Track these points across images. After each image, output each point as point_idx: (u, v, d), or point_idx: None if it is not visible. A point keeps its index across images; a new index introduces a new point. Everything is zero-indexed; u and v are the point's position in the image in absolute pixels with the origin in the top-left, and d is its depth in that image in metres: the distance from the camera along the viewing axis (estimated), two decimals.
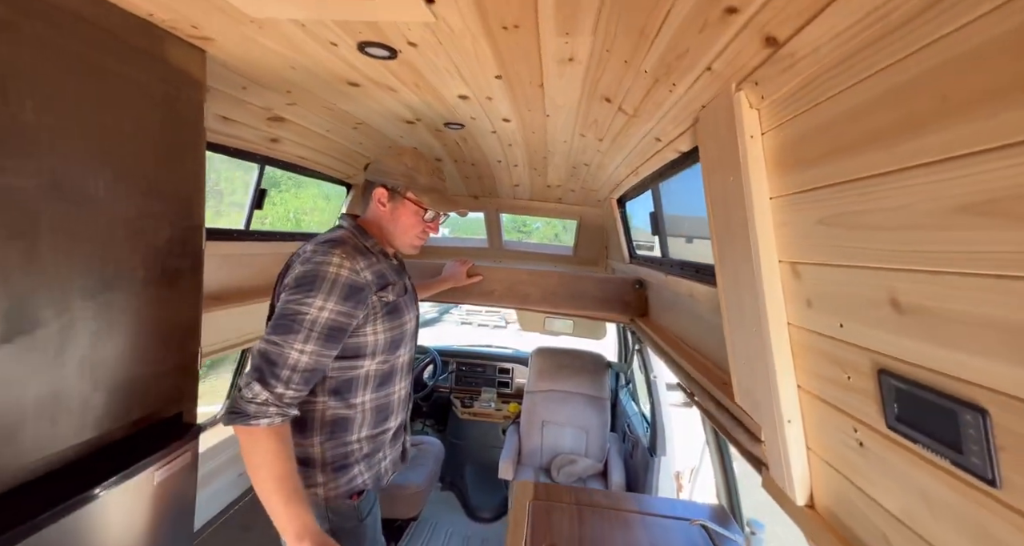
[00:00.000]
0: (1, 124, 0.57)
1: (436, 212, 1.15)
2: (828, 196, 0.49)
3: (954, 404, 0.37)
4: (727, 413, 0.91)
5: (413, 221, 1.13)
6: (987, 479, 0.35)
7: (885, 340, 0.44)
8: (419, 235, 1.16)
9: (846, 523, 0.58)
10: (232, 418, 0.85)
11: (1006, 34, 0.28)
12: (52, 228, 0.65)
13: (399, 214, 1.12)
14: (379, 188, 1.12)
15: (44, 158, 0.63)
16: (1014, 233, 0.28)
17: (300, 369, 0.88)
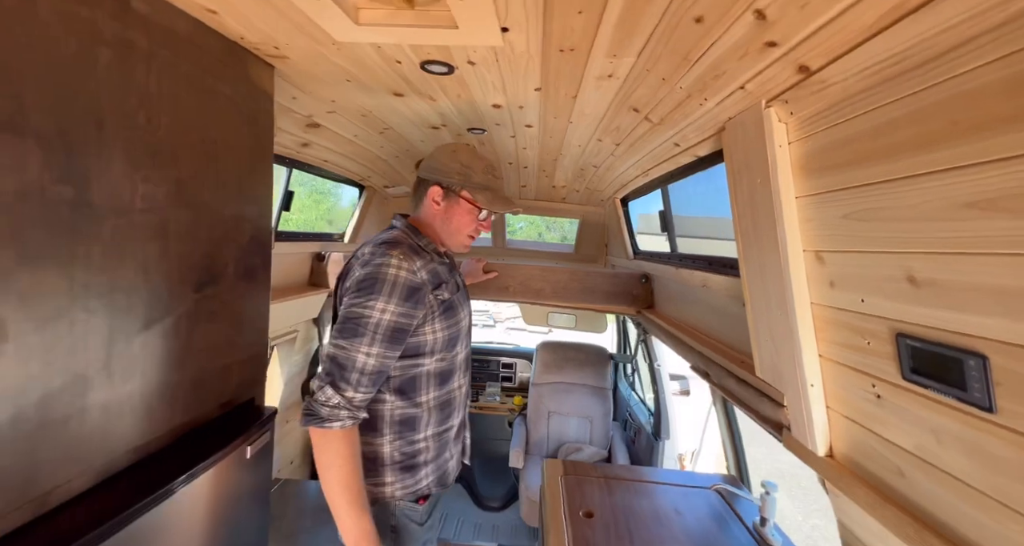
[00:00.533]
0: (147, 141, 0.64)
1: (489, 211, 1.13)
2: (852, 196, 0.61)
3: (960, 354, 0.49)
4: (748, 386, 1.03)
5: (467, 220, 1.12)
6: (985, 408, 0.47)
7: (902, 309, 0.56)
8: (471, 234, 1.15)
9: (862, 464, 0.70)
10: (308, 420, 0.88)
11: (1004, 78, 0.39)
12: (176, 230, 0.72)
13: (453, 213, 1.11)
14: (434, 186, 1.10)
15: (171, 168, 0.70)
16: (1011, 222, 0.40)
17: (367, 372, 0.91)
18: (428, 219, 1.14)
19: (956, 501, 0.53)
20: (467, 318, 1.18)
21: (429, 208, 1.13)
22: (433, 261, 1.07)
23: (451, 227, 1.12)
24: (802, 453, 0.83)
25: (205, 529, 0.80)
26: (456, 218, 1.11)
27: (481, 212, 1.12)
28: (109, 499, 0.63)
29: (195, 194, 0.76)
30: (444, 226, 1.12)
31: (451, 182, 1.10)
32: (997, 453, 0.47)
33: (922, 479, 0.58)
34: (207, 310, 0.82)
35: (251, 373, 0.98)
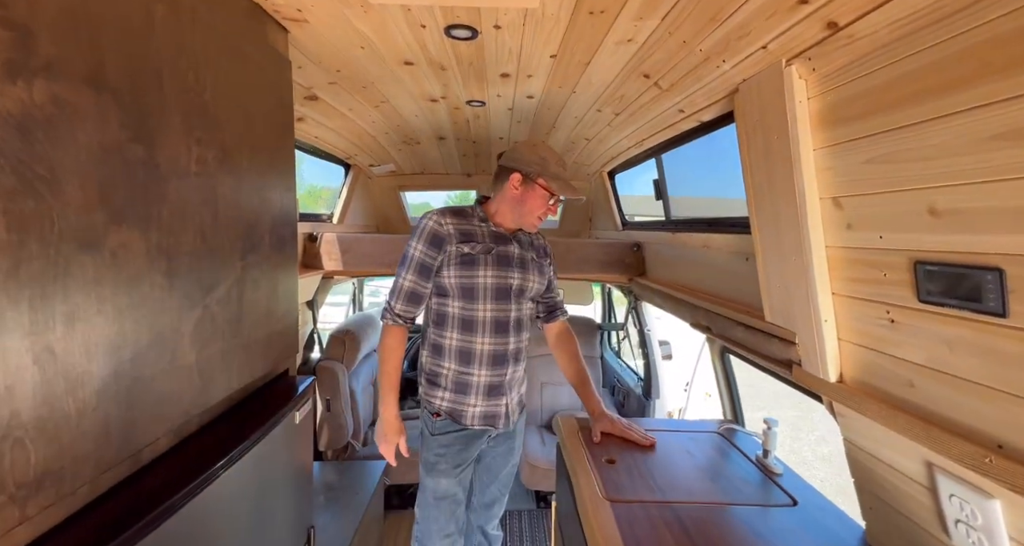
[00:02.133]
0: (196, 102, 0.62)
1: (557, 198, 1.33)
2: (874, 142, 0.69)
3: (977, 271, 0.57)
4: (756, 331, 1.14)
5: (539, 203, 1.32)
6: (999, 314, 0.56)
7: (921, 239, 0.65)
8: (541, 215, 1.35)
9: (872, 383, 0.81)
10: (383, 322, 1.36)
11: None
12: (224, 195, 0.71)
13: (528, 197, 1.32)
14: (515, 173, 1.32)
15: (216, 132, 0.68)
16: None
17: (404, 291, 1.30)
18: (505, 201, 1.36)
19: (964, 398, 0.64)
20: (490, 279, 1.33)
21: (508, 192, 1.35)
22: (473, 225, 1.36)
23: (524, 208, 1.34)
24: (812, 382, 0.94)
25: (265, 490, 0.81)
26: (530, 201, 1.32)
27: (551, 198, 1.32)
28: (188, 459, 0.63)
29: (236, 161, 0.74)
30: (519, 207, 1.34)
31: (530, 171, 1.31)
32: (1007, 350, 0.57)
33: (932, 386, 0.69)
34: (251, 278, 0.81)
35: (286, 344, 0.98)
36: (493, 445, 1.50)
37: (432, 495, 1.38)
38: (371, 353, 2.95)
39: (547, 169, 1.30)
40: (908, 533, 0.81)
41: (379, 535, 2.13)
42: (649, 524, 0.98)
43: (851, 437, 0.91)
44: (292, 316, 0.99)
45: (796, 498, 1.08)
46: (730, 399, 1.64)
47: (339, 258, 2.06)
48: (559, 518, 1.45)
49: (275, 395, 0.89)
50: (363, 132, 1.95)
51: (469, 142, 2.24)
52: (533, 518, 2.58)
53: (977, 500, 0.65)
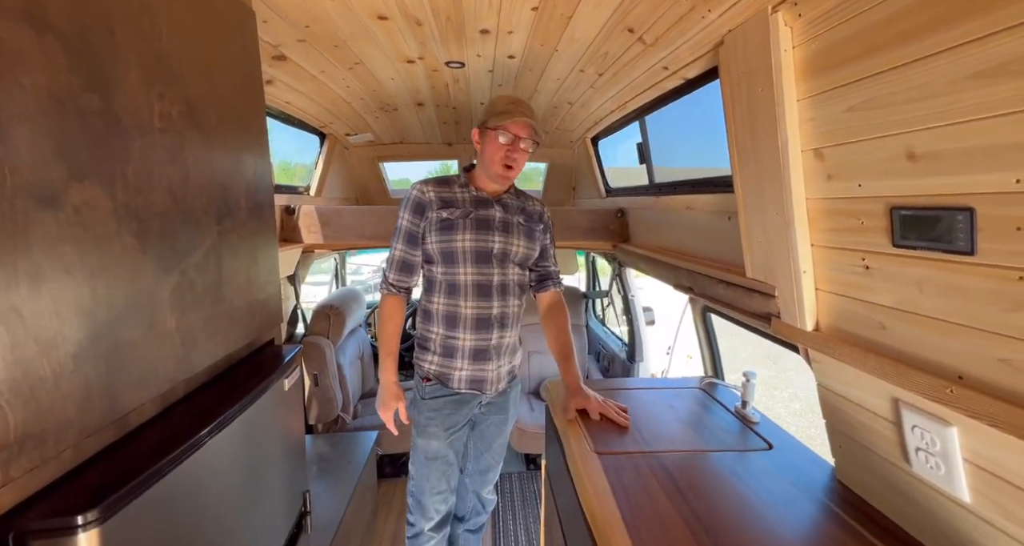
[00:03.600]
0: (154, 51, 0.58)
1: (510, 135, 1.27)
2: (857, 88, 0.69)
3: (949, 212, 0.59)
4: (737, 287, 1.17)
5: (494, 147, 1.29)
6: (967, 252, 0.59)
7: (898, 185, 0.66)
8: (503, 160, 1.30)
9: (845, 328, 0.84)
10: None
11: None
12: (193, 155, 0.67)
13: (485, 147, 1.32)
14: (473, 130, 1.34)
15: (180, 86, 0.64)
16: (1015, 83, 0.49)
17: (396, 261, 1.37)
18: (477, 160, 1.39)
19: (929, 336, 0.67)
20: (469, 242, 1.33)
21: (476, 150, 1.36)
22: (455, 191, 1.37)
23: (485, 159, 1.33)
24: (790, 332, 0.98)
25: (257, 457, 0.82)
26: (487, 150, 1.31)
27: (503, 135, 1.27)
28: (176, 425, 0.62)
29: (204, 119, 0.70)
30: (482, 162, 1.35)
31: (482, 121, 1.32)
32: (972, 287, 0.59)
33: (901, 327, 0.72)
34: (229, 244, 0.78)
35: (269, 314, 0.96)
36: (486, 413, 1.53)
37: (423, 455, 1.43)
38: (357, 328, 2.93)
39: (494, 110, 1.29)
40: (873, 465, 0.87)
41: (373, 503, 2.19)
42: (636, 473, 1.02)
43: (825, 382, 0.96)
44: (274, 285, 0.97)
45: (771, 442, 1.15)
46: (711, 356, 1.70)
47: (319, 231, 2.01)
48: (549, 476, 1.51)
49: (261, 364, 0.88)
50: (337, 97, 1.86)
51: (449, 109, 2.17)
52: (523, 479, 2.68)
53: (936, 428, 0.70)
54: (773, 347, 3.71)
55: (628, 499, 0.93)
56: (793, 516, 0.88)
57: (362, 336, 2.99)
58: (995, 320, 0.58)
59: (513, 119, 1.26)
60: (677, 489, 0.96)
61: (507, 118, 1.26)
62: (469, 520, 1.74)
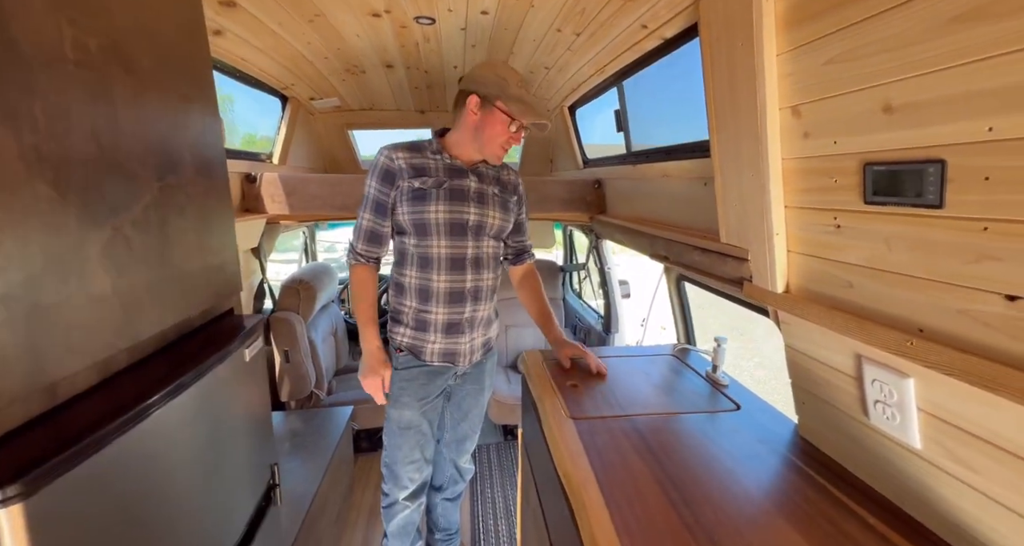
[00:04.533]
0: None
1: (520, 124, 1.22)
2: (837, 39, 0.67)
3: (921, 166, 0.59)
4: (711, 253, 1.17)
5: (499, 129, 1.21)
6: (935, 205, 0.59)
7: (873, 139, 0.65)
8: (504, 144, 1.24)
9: (814, 289, 0.85)
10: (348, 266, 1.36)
11: None
12: (123, 97, 0.59)
13: (488, 122, 1.21)
14: (471, 96, 1.21)
15: (101, 17, 0.55)
16: (991, 26, 0.47)
17: (364, 231, 1.30)
18: (463, 128, 1.27)
19: (894, 291, 0.68)
20: (442, 214, 1.27)
21: (467, 118, 1.24)
22: (427, 159, 1.28)
23: (484, 136, 1.23)
24: (761, 295, 0.99)
25: (217, 429, 0.78)
26: (489, 128, 1.22)
27: (512, 124, 1.21)
28: (119, 395, 0.58)
29: (135, 57, 0.62)
30: (478, 135, 1.24)
31: (488, 92, 1.20)
32: (938, 240, 0.60)
33: (867, 284, 0.73)
34: (175, 203, 0.71)
35: (227, 281, 0.90)
36: (461, 383, 1.52)
37: (396, 425, 1.42)
38: (329, 304, 2.86)
39: (506, 90, 1.21)
40: (833, 419, 0.90)
41: (350, 476, 2.19)
42: (609, 435, 1.04)
43: (792, 343, 0.98)
44: (230, 251, 0.90)
45: (739, 403, 1.18)
46: (684, 324, 1.73)
47: (284, 201, 1.91)
48: (525, 445, 1.53)
49: (220, 333, 0.83)
50: (298, 55, 1.73)
51: (420, 72, 2.06)
52: (501, 450, 2.73)
53: (894, 380, 0.72)
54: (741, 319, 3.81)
55: (601, 460, 0.94)
56: (758, 470, 0.91)
57: (335, 312, 2.92)
58: (957, 272, 0.59)
59: (532, 119, 1.22)
60: (649, 449, 0.98)
61: (527, 114, 1.21)
62: (447, 489, 1.76)
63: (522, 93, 1.23)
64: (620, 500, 0.82)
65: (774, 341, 6.77)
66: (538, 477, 1.26)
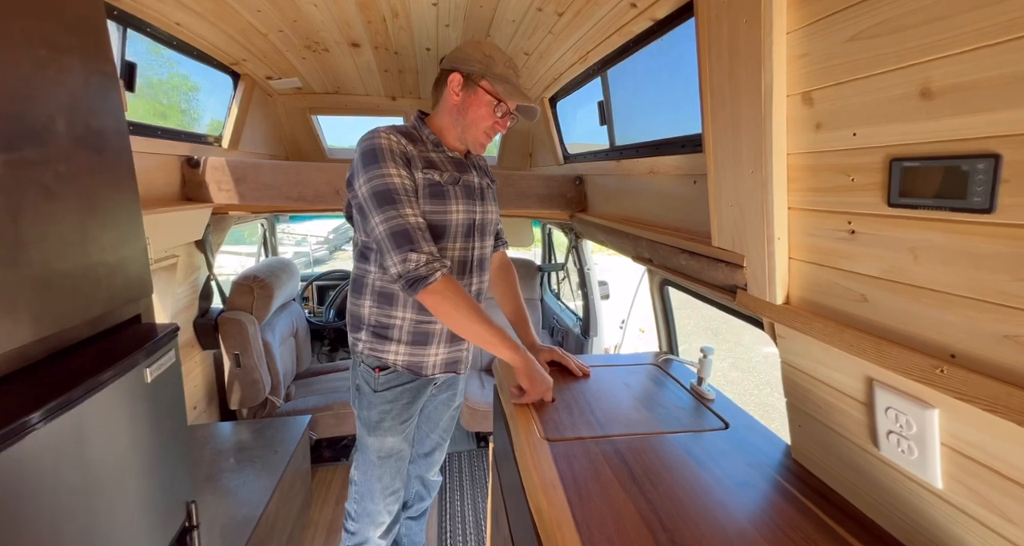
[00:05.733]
0: None
1: (507, 109, 1.12)
2: (865, 9, 0.57)
3: (968, 160, 0.49)
4: (701, 257, 1.07)
5: (484, 112, 1.10)
6: (984, 209, 0.49)
7: (905, 130, 0.56)
8: (487, 130, 1.13)
9: (821, 302, 0.76)
10: (416, 288, 1.00)
11: None
12: None
13: (470, 103, 1.10)
14: (454, 74, 1.10)
15: None
16: None
17: (423, 228, 1.03)
18: (445, 112, 1.14)
19: (920, 308, 0.59)
20: (461, 214, 1.14)
21: (448, 100, 1.12)
22: (429, 151, 1.12)
23: (467, 119, 1.12)
24: (756, 306, 0.89)
25: (103, 470, 0.62)
26: (473, 109, 1.10)
27: (499, 107, 1.11)
28: None
29: None
30: (461, 118, 1.12)
31: (472, 71, 1.09)
32: (983, 251, 0.50)
33: (886, 299, 0.64)
34: (37, 183, 0.54)
35: (129, 281, 0.73)
36: (435, 393, 1.38)
37: (376, 455, 1.24)
38: (289, 302, 2.66)
39: (492, 69, 1.09)
40: (835, 446, 0.81)
41: (306, 493, 2.01)
42: (588, 461, 0.92)
43: (790, 359, 0.89)
44: (134, 246, 0.74)
45: (728, 421, 1.09)
46: (667, 331, 1.64)
47: (232, 189, 1.71)
48: (495, 458, 1.40)
49: (114, 348, 0.66)
50: (249, 27, 1.54)
51: (390, 53, 1.89)
52: (473, 458, 2.60)
53: (915, 411, 0.63)
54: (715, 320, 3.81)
55: (579, 492, 0.83)
56: (752, 501, 0.82)
57: (296, 311, 2.71)
58: (1005, 290, 0.49)
59: (520, 101, 1.11)
60: (632, 477, 0.87)
61: (514, 96, 1.10)
62: (412, 507, 1.62)
63: (509, 74, 1.12)
64: (599, 541, 0.71)
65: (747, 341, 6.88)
66: (509, 503, 1.14)
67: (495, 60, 1.10)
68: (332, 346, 3.33)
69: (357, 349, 1.21)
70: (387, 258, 1.00)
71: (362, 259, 1.18)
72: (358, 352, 1.21)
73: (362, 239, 1.16)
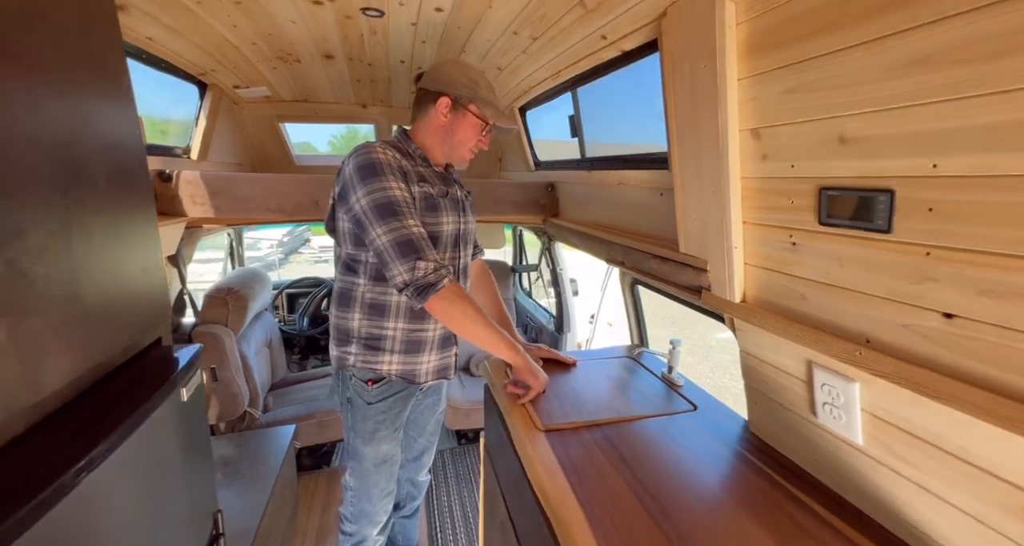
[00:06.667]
0: None
1: (489, 127, 1.19)
2: (798, 70, 0.71)
3: (872, 193, 0.65)
4: (670, 262, 1.22)
5: (471, 133, 1.18)
6: (884, 230, 0.65)
7: (829, 166, 0.71)
8: (473, 148, 1.21)
9: (771, 300, 0.92)
10: (423, 296, 1.04)
11: None
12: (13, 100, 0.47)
13: (459, 125, 1.17)
14: (443, 98, 1.15)
15: None
16: (940, 74, 0.52)
17: (427, 237, 1.07)
18: (431, 131, 1.19)
19: (844, 305, 0.75)
20: (451, 225, 1.22)
21: (434, 120, 1.18)
22: (419, 165, 1.18)
23: (455, 139, 1.18)
24: (719, 304, 1.05)
25: (153, 487, 0.66)
26: (460, 131, 1.17)
27: (484, 127, 1.18)
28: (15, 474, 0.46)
29: (21, 41, 0.49)
30: (448, 138, 1.19)
31: (460, 94, 1.15)
32: (886, 261, 0.66)
33: (820, 297, 0.79)
34: (80, 222, 0.58)
35: (154, 308, 0.77)
36: (421, 398, 1.46)
37: (372, 462, 1.30)
38: (262, 312, 2.61)
39: (478, 93, 1.17)
40: (783, 418, 0.98)
41: (295, 500, 2.02)
42: (582, 447, 1.04)
43: (747, 348, 1.05)
44: (157, 273, 0.77)
45: (696, 404, 1.25)
46: (637, 326, 1.80)
47: (207, 202, 1.69)
48: (488, 451, 1.50)
49: (148, 371, 0.70)
50: (221, 40, 1.53)
51: (364, 64, 1.92)
52: (456, 455, 2.68)
53: (842, 385, 0.79)
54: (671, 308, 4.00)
55: (577, 473, 0.94)
56: (720, 469, 0.97)
57: (268, 321, 2.67)
58: (901, 291, 0.65)
59: (507, 124, 1.19)
60: (621, 458, 1.00)
61: (501, 120, 1.18)
62: (404, 507, 1.68)
63: (491, 97, 1.20)
64: (600, 515, 0.83)
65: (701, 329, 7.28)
66: (506, 489, 1.25)
67: (479, 84, 1.18)
68: (303, 354, 3.28)
69: (348, 363, 1.22)
70: (392, 268, 1.04)
71: (348, 272, 1.20)
72: (348, 365, 1.22)
73: (347, 252, 1.18)
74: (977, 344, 0.56)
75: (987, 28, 0.48)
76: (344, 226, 1.15)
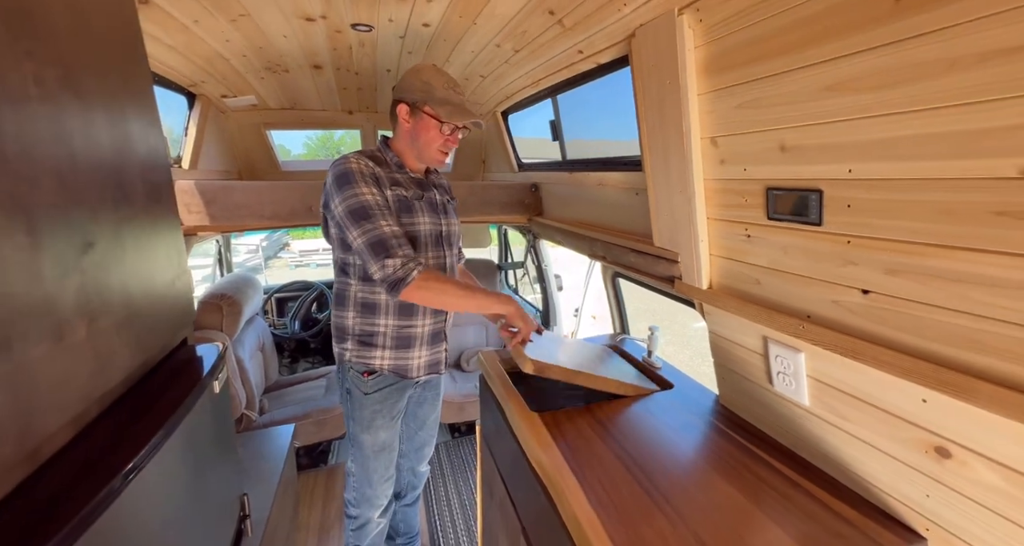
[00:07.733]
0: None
1: (454, 126, 1.23)
2: (745, 89, 0.84)
3: (806, 193, 0.78)
4: (646, 255, 1.34)
5: (433, 135, 1.22)
6: (816, 223, 0.78)
7: (773, 170, 0.84)
8: (440, 148, 1.25)
9: (731, 285, 1.05)
10: (398, 288, 1.10)
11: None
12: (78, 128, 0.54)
13: (420, 129, 1.22)
14: (400, 105, 1.22)
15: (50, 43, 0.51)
16: (850, 98, 0.65)
17: (400, 235, 1.14)
18: (401, 138, 1.28)
19: (790, 287, 0.88)
20: (428, 226, 1.29)
21: (402, 127, 1.26)
22: (394, 172, 1.26)
23: (420, 142, 1.24)
24: (689, 291, 1.18)
25: (196, 471, 0.75)
26: (423, 133, 1.23)
27: (444, 126, 1.22)
28: (95, 451, 0.54)
29: (83, 82, 0.56)
30: (414, 142, 1.25)
31: (415, 99, 1.21)
32: (818, 249, 0.79)
33: (771, 281, 0.93)
34: (131, 235, 0.66)
35: (181, 310, 0.84)
36: (420, 392, 1.55)
37: (371, 449, 1.40)
38: (254, 317, 2.65)
39: (433, 94, 1.20)
40: (747, 389, 1.12)
41: (296, 498, 2.09)
42: (573, 425, 1.16)
43: (714, 329, 1.18)
44: (184, 278, 0.84)
45: (672, 383, 1.38)
46: (619, 315, 1.93)
47: (203, 211, 1.74)
48: (486, 437, 1.61)
49: (182, 368, 0.78)
50: (213, 54, 1.58)
51: (351, 74, 1.99)
52: (449, 447, 2.78)
53: (791, 355, 0.93)
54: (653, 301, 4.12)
55: (569, 446, 1.06)
56: (694, 437, 1.10)
57: (260, 325, 2.71)
58: (831, 273, 0.79)
59: (463, 120, 1.22)
60: (607, 431, 1.12)
61: (455, 116, 1.20)
62: (406, 496, 1.78)
63: (449, 94, 1.22)
64: (591, 480, 0.95)
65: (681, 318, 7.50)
66: (504, 469, 1.35)
67: (434, 85, 1.21)
68: (292, 357, 3.32)
69: (345, 358, 1.33)
70: (369, 267, 1.12)
71: (343, 273, 1.31)
72: (346, 360, 1.33)
73: (339, 255, 1.28)
74: (886, 314, 0.70)
75: (882, 63, 0.61)
76: (334, 232, 1.25)
